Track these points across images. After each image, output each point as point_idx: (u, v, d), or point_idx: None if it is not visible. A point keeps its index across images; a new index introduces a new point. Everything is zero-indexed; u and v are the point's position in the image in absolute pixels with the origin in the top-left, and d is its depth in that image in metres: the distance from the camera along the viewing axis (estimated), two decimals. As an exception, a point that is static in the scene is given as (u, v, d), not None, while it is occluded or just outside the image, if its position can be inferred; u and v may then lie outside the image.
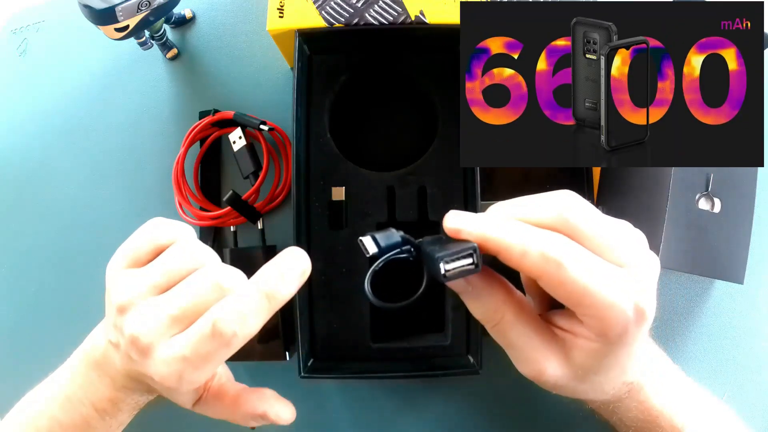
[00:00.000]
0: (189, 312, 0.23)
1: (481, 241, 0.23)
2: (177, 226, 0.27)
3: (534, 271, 0.22)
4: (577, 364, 0.25)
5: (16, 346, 0.46)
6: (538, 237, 0.23)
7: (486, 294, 0.25)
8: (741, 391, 0.42)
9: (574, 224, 0.23)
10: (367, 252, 0.24)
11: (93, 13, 0.38)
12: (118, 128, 0.49)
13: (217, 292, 0.24)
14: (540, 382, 0.26)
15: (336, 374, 0.39)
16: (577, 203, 0.24)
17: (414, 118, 0.43)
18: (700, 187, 0.39)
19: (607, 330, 0.23)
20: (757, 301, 0.44)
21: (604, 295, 0.22)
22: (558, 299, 0.23)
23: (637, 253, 0.24)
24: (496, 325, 0.25)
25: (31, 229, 0.48)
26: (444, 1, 0.39)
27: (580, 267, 0.22)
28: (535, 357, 0.25)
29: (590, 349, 0.24)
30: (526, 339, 0.25)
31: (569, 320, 0.25)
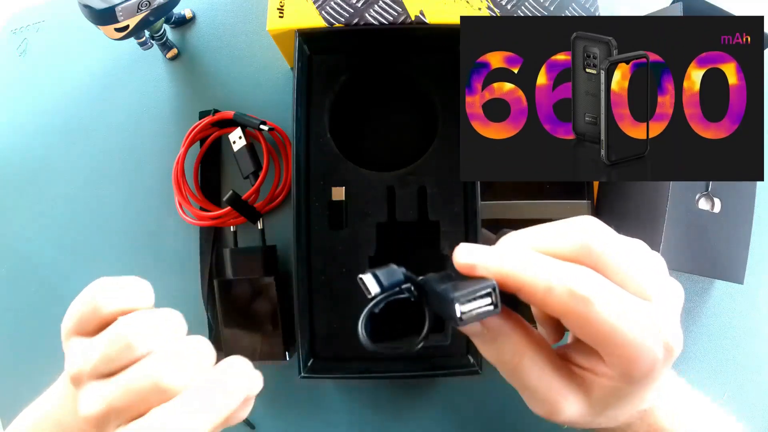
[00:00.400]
0: (129, 408, 0.22)
1: (500, 277, 0.21)
2: (120, 294, 0.24)
3: (560, 309, 0.21)
4: (597, 401, 0.23)
5: (16, 346, 0.46)
6: (564, 272, 0.21)
7: (504, 337, 0.23)
8: (741, 391, 0.42)
9: (598, 254, 0.22)
10: (369, 293, 0.23)
11: (93, 13, 0.38)
12: (118, 128, 0.49)
13: (158, 393, 0.22)
14: (553, 419, 0.24)
15: (336, 374, 0.39)
16: (599, 230, 0.22)
17: (414, 118, 0.43)
18: (700, 187, 0.39)
19: (633, 371, 0.21)
20: (757, 301, 0.44)
21: (634, 335, 0.20)
22: (581, 337, 0.22)
23: (661, 282, 0.23)
24: (512, 368, 0.24)
25: (31, 229, 0.48)
26: (444, 1, 0.39)
27: (609, 305, 0.20)
28: (552, 398, 0.23)
29: (612, 388, 0.22)
30: (544, 380, 0.23)
31: (589, 358, 0.23)
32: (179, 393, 0.22)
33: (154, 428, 0.21)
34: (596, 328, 0.20)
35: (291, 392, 0.43)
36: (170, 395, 0.22)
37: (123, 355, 0.23)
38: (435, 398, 0.42)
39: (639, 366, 0.21)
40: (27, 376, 0.32)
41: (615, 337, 0.20)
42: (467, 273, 0.22)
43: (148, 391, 0.22)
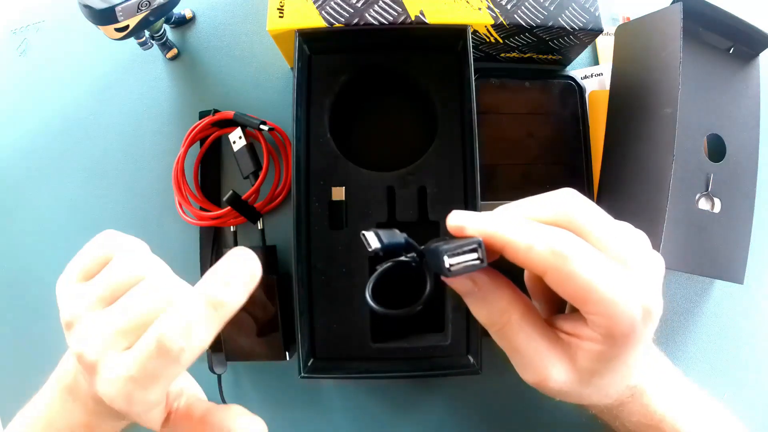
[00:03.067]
0: (134, 325, 0.22)
1: (486, 236, 0.23)
2: (125, 238, 0.26)
3: (540, 265, 0.22)
4: (583, 368, 0.24)
5: (15, 347, 0.46)
6: (545, 231, 0.22)
7: (493, 295, 0.24)
8: (741, 391, 0.42)
9: (578, 222, 0.23)
10: (369, 246, 0.23)
11: (93, 13, 0.38)
12: (118, 128, 0.48)
13: (160, 302, 0.22)
14: (544, 388, 0.25)
15: (336, 374, 0.39)
16: (581, 201, 0.24)
17: (414, 118, 0.43)
18: (700, 187, 0.39)
19: (613, 329, 0.22)
20: (757, 301, 0.44)
21: (612, 292, 0.21)
22: (564, 296, 0.23)
23: (642, 252, 0.24)
24: (501, 328, 0.25)
25: (30, 229, 0.48)
26: (444, 1, 0.39)
27: (587, 262, 0.21)
28: (540, 362, 0.24)
29: (596, 351, 0.23)
30: (531, 342, 0.24)
31: (574, 324, 0.24)
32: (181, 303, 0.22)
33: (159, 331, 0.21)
34: (576, 283, 0.21)
35: (291, 392, 0.43)
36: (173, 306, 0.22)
37: (128, 277, 0.24)
38: (435, 398, 0.42)
39: (618, 323, 0.22)
40: (27, 377, 0.32)
41: (594, 293, 0.21)
42: (457, 233, 0.24)
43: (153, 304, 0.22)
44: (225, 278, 0.22)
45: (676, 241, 0.37)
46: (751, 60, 0.42)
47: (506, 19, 0.39)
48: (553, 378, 0.24)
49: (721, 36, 0.40)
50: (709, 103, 0.40)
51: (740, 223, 0.40)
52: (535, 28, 0.39)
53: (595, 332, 0.23)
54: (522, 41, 0.42)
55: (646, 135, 0.39)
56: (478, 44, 0.42)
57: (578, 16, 0.39)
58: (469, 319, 0.38)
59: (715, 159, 0.40)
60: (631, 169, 0.40)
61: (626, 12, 0.49)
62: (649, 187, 0.38)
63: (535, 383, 0.25)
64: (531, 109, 0.45)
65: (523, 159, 0.44)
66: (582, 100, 0.45)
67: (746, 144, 0.41)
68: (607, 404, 0.28)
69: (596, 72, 0.47)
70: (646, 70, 0.40)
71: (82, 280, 0.25)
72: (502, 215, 0.24)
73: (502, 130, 0.44)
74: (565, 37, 0.41)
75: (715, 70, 0.40)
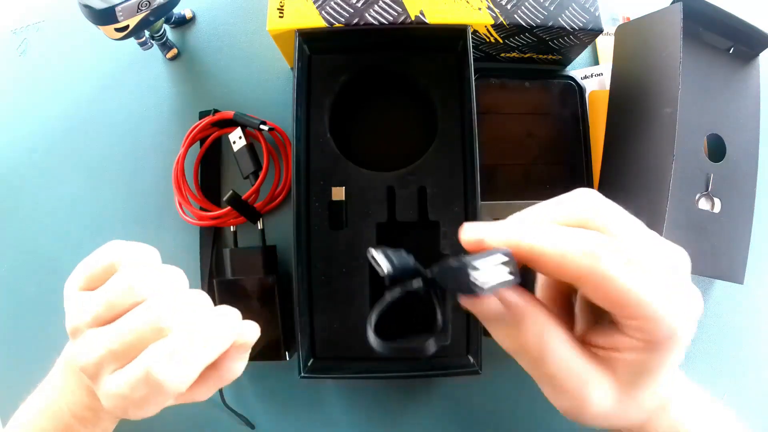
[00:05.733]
0: (127, 349, 0.23)
1: (511, 247, 0.21)
2: (133, 250, 0.26)
3: (576, 272, 0.20)
4: (625, 382, 0.22)
5: (15, 346, 0.46)
6: (576, 235, 0.20)
7: (527, 318, 0.21)
8: (741, 391, 0.42)
9: (603, 222, 0.21)
10: (382, 272, 0.21)
11: (93, 13, 0.38)
12: (118, 128, 0.48)
13: (155, 332, 0.23)
14: (583, 414, 0.22)
15: (336, 374, 0.39)
16: (602, 201, 0.22)
17: (414, 118, 0.43)
18: (700, 187, 0.39)
19: (656, 333, 0.20)
20: (757, 301, 0.44)
21: (654, 291, 0.20)
22: (603, 303, 0.21)
23: (667, 245, 0.22)
24: (535, 356, 0.22)
25: (30, 229, 0.48)
26: (444, 1, 0.39)
27: (626, 264, 0.20)
28: (577, 385, 0.22)
29: (638, 361, 0.21)
30: (569, 366, 0.22)
31: (609, 336, 0.22)
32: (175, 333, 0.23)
33: (148, 363, 0.22)
34: (615, 287, 0.20)
35: (291, 392, 0.43)
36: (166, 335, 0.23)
37: (125, 298, 0.24)
38: (435, 398, 0.42)
39: (661, 326, 0.20)
40: (27, 376, 0.32)
41: (634, 295, 0.20)
42: (475, 249, 0.21)
43: (146, 331, 0.23)
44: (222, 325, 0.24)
45: (676, 241, 0.37)
46: (751, 60, 0.42)
47: (506, 19, 0.39)
48: (594, 400, 0.22)
49: (721, 36, 0.40)
50: (709, 103, 0.40)
51: (740, 223, 0.40)
52: (535, 28, 0.39)
53: (635, 340, 0.21)
54: (522, 41, 0.42)
55: (646, 135, 0.39)
56: (478, 44, 0.42)
57: (578, 16, 0.39)
58: (469, 319, 0.38)
59: (715, 159, 0.40)
60: (631, 169, 0.40)
61: (626, 12, 0.49)
62: (649, 187, 0.38)
63: (573, 410, 0.22)
64: (531, 109, 0.45)
65: (523, 159, 0.44)
66: (582, 100, 0.45)
67: (746, 144, 0.41)
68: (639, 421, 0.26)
69: (596, 72, 0.47)
70: (646, 70, 0.40)
71: (86, 288, 0.25)
72: (524, 222, 0.22)
73: (502, 130, 0.44)
74: (565, 37, 0.41)
75: (715, 70, 0.40)
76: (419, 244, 0.40)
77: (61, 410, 0.29)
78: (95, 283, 0.25)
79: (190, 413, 0.42)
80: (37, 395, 0.31)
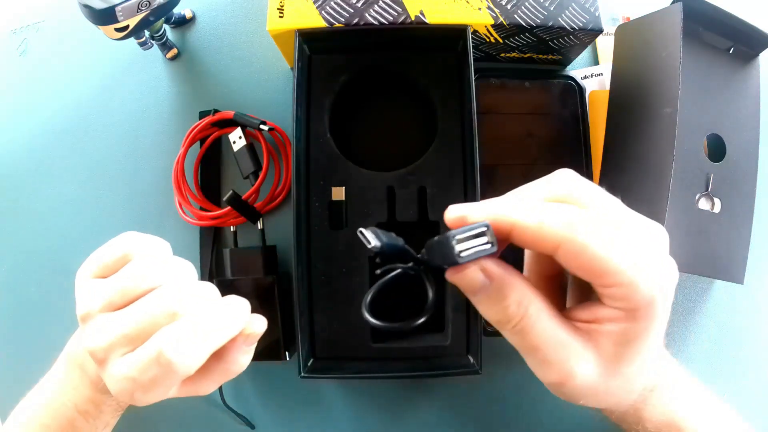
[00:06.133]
0: (140, 333, 0.23)
1: (491, 220, 0.21)
2: (146, 240, 0.27)
3: (553, 240, 0.21)
4: (608, 353, 0.22)
5: (15, 346, 0.46)
6: (553, 207, 0.21)
7: (507, 286, 0.22)
8: (741, 391, 0.42)
9: (579, 196, 0.22)
10: (368, 244, 0.22)
11: (93, 13, 0.38)
12: (118, 128, 0.48)
13: (167, 317, 0.24)
14: (568, 387, 0.23)
15: (336, 374, 0.39)
16: (579, 178, 0.23)
17: (414, 118, 0.43)
18: (700, 187, 0.39)
19: (636, 299, 0.21)
20: (757, 301, 0.44)
21: (630, 258, 0.20)
22: (579, 272, 0.21)
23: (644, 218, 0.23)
24: (518, 323, 0.22)
25: (30, 229, 0.48)
26: (444, 1, 0.39)
27: (601, 231, 0.20)
28: (563, 356, 0.22)
29: (620, 331, 0.22)
30: (552, 335, 0.22)
31: (590, 309, 0.23)
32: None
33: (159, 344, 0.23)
34: (591, 255, 0.20)
35: (291, 392, 0.43)
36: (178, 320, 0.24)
37: (139, 285, 0.24)
38: (435, 398, 0.42)
39: (640, 291, 0.21)
40: (26, 376, 0.32)
41: (610, 262, 0.20)
42: (458, 225, 0.22)
43: (159, 315, 0.23)
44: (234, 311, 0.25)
45: (676, 241, 0.37)
46: (751, 60, 0.42)
47: (506, 19, 0.39)
48: (579, 373, 0.22)
49: (721, 36, 0.40)
50: (709, 103, 0.40)
51: (740, 223, 0.40)
52: (535, 28, 0.39)
53: (615, 310, 0.22)
54: (522, 41, 0.42)
55: (646, 135, 0.39)
56: (478, 44, 0.42)
57: (578, 16, 0.39)
58: (469, 319, 0.38)
59: (715, 159, 0.40)
60: (631, 169, 0.40)
61: (626, 12, 0.49)
62: (649, 187, 0.38)
63: (558, 382, 0.23)
64: (531, 109, 0.45)
65: (523, 159, 0.44)
66: (582, 100, 0.45)
67: (746, 144, 0.41)
68: (630, 403, 0.27)
69: (596, 72, 0.47)
70: (646, 70, 0.40)
71: (99, 276, 0.26)
72: (504, 200, 0.23)
73: (502, 130, 0.44)
74: (565, 37, 0.41)
75: (715, 70, 0.40)
76: (419, 244, 0.40)
77: (63, 404, 0.29)
78: (108, 271, 0.26)
79: (191, 413, 0.42)
80: (38, 390, 0.31)
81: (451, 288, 0.25)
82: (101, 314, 0.24)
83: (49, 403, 0.30)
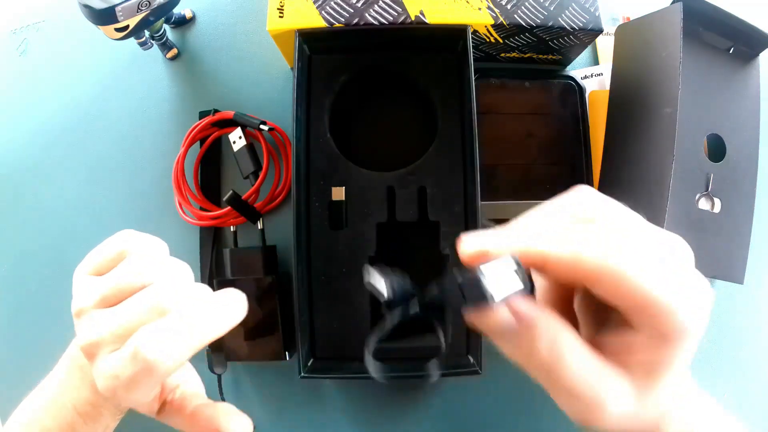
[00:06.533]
0: (126, 330, 0.23)
1: (520, 254, 0.20)
2: (143, 238, 0.27)
3: (592, 272, 0.19)
4: (640, 381, 0.21)
5: (15, 346, 0.46)
6: (587, 234, 0.20)
7: (539, 329, 0.20)
8: (741, 391, 0.42)
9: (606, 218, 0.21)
10: (381, 296, 0.21)
11: (93, 13, 0.38)
12: (118, 128, 0.48)
13: (152, 314, 0.23)
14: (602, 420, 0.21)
15: (336, 374, 0.39)
16: (600, 198, 0.22)
17: (414, 118, 0.43)
18: (700, 187, 0.39)
19: (671, 325, 0.20)
20: (757, 301, 0.44)
21: (667, 284, 0.19)
22: (617, 301, 0.20)
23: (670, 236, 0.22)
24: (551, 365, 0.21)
25: (30, 229, 0.48)
26: (444, 1, 0.39)
27: (641, 259, 0.19)
28: (595, 391, 0.21)
29: (652, 359, 0.21)
30: (584, 373, 0.21)
31: (620, 335, 0.22)
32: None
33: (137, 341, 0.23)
34: (628, 284, 0.19)
35: (291, 392, 0.43)
36: None
37: (133, 282, 0.24)
38: (435, 398, 0.42)
39: (674, 319, 0.20)
40: (26, 376, 0.32)
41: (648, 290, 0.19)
42: (478, 261, 0.20)
43: (146, 313, 0.23)
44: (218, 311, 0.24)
45: (676, 241, 0.37)
46: (751, 60, 0.42)
47: (506, 19, 0.39)
48: (612, 404, 0.21)
49: (721, 36, 0.40)
50: (709, 103, 0.40)
51: (740, 223, 0.40)
52: (535, 28, 0.39)
53: (649, 337, 0.21)
54: (522, 41, 0.42)
55: (646, 135, 0.39)
56: (478, 44, 0.42)
57: (578, 16, 0.39)
58: (469, 319, 0.38)
59: (715, 159, 0.40)
60: (631, 169, 0.40)
61: (626, 12, 0.49)
62: (649, 187, 0.38)
63: (589, 416, 0.21)
64: (531, 109, 0.45)
65: (523, 159, 0.44)
66: (582, 100, 0.45)
67: (746, 144, 0.41)
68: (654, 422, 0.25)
69: (596, 72, 0.47)
70: (646, 70, 0.40)
71: (96, 273, 0.26)
72: (528, 228, 0.21)
73: (502, 130, 0.44)
74: (565, 37, 0.41)
75: (715, 70, 0.40)
76: (419, 245, 0.40)
77: (64, 406, 0.29)
78: (104, 268, 0.26)
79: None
80: (40, 391, 0.31)
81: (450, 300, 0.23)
82: (94, 310, 0.24)
83: (50, 405, 0.30)
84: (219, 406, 0.28)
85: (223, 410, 0.27)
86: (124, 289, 0.24)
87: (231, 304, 0.25)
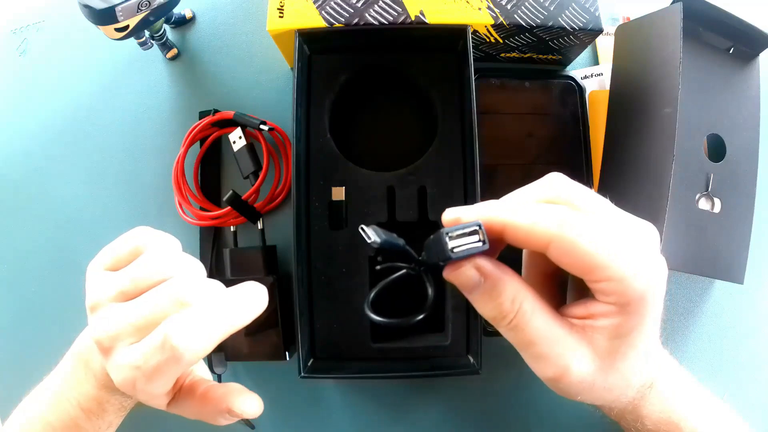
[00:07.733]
0: (147, 322, 0.24)
1: (485, 222, 0.22)
2: (158, 235, 0.27)
3: (545, 238, 0.21)
4: (603, 349, 0.23)
5: (15, 345, 0.46)
6: (544, 207, 0.22)
7: (500, 283, 0.23)
8: (741, 391, 0.42)
9: (570, 198, 0.23)
10: (368, 239, 0.23)
11: (93, 13, 0.38)
12: (118, 128, 0.48)
13: (176, 306, 0.24)
14: (565, 383, 0.23)
15: (336, 374, 0.39)
16: (570, 182, 0.24)
17: (414, 118, 0.43)
18: (700, 187, 0.39)
19: (627, 293, 0.22)
20: (757, 301, 0.44)
21: (621, 252, 0.21)
22: (571, 268, 0.22)
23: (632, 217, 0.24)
24: (512, 321, 0.23)
25: (30, 229, 0.48)
26: (444, 1, 0.39)
27: (591, 227, 0.21)
28: (559, 351, 0.23)
29: (614, 326, 0.23)
30: (547, 330, 0.23)
31: (584, 305, 0.24)
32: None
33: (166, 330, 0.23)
34: (581, 251, 0.21)
35: (291, 392, 0.43)
36: None
37: (151, 276, 0.25)
38: (435, 398, 0.42)
39: (629, 285, 0.21)
40: (26, 375, 0.32)
41: (600, 257, 0.21)
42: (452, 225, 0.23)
43: (168, 305, 0.24)
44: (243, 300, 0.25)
45: (676, 241, 0.37)
46: (751, 60, 0.42)
47: (506, 19, 0.39)
48: (574, 367, 0.23)
49: (721, 36, 0.40)
50: (709, 103, 0.40)
51: (740, 223, 0.40)
52: (535, 28, 0.39)
53: (608, 305, 0.22)
54: (522, 41, 0.42)
55: (646, 135, 0.39)
56: (478, 44, 0.42)
57: (578, 16, 0.39)
58: (469, 319, 0.38)
59: (715, 159, 0.40)
60: (631, 169, 0.40)
61: (626, 12, 0.49)
62: (649, 187, 0.38)
63: (555, 377, 0.23)
64: (531, 109, 0.45)
65: (523, 159, 0.44)
66: (582, 100, 0.45)
67: (746, 144, 0.41)
68: (628, 400, 0.27)
69: (596, 72, 0.47)
70: (646, 70, 0.40)
71: (111, 268, 0.26)
72: (498, 203, 0.24)
73: (502, 130, 0.44)
74: (565, 37, 0.41)
75: (715, 70, 0.40)
76: (419, 245, 0.40)
77: (68, 401, 0.29)
78: (120, 264, 0.26)
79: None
80: (43, 387, 0.31)
81: (451, 289, 0.25)
82: (111, 303, 0.25)
83: (53, 401, 0.30)
84: (230, 386, 0.28)
85: (234, 390, 0.28)
86: (142, 283, 0.25)
87: (253, 295, 0.26)
